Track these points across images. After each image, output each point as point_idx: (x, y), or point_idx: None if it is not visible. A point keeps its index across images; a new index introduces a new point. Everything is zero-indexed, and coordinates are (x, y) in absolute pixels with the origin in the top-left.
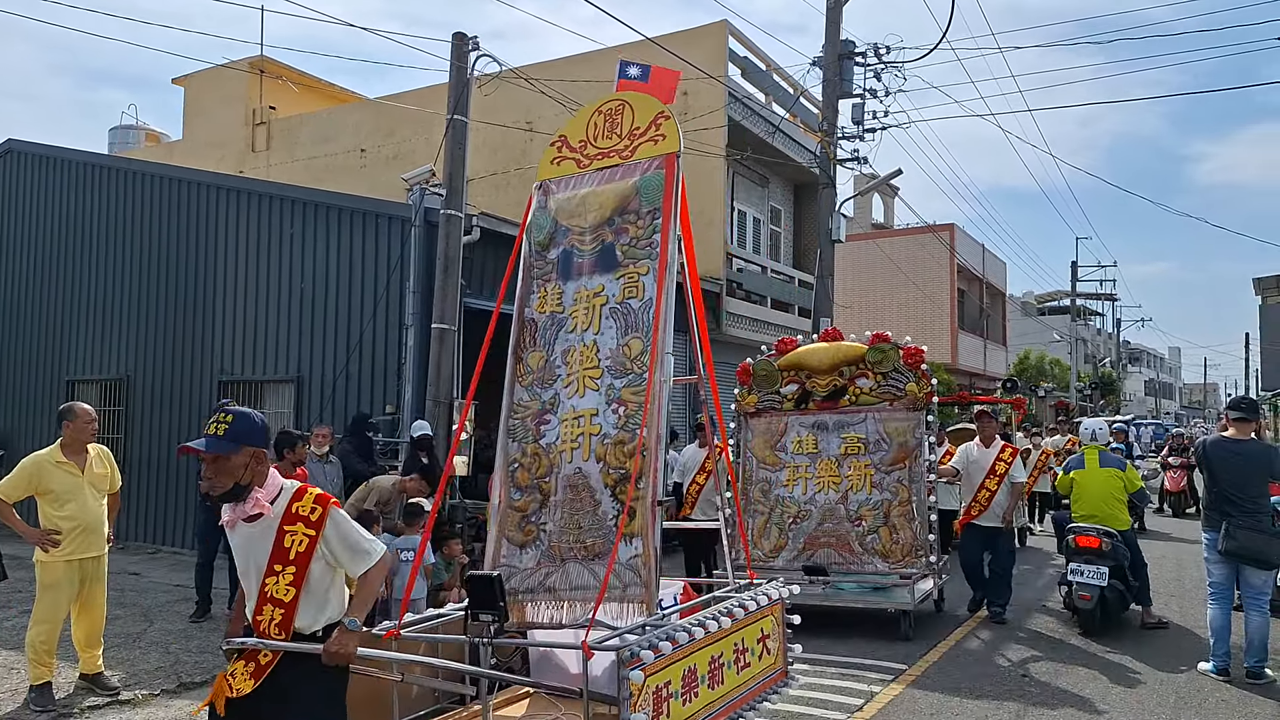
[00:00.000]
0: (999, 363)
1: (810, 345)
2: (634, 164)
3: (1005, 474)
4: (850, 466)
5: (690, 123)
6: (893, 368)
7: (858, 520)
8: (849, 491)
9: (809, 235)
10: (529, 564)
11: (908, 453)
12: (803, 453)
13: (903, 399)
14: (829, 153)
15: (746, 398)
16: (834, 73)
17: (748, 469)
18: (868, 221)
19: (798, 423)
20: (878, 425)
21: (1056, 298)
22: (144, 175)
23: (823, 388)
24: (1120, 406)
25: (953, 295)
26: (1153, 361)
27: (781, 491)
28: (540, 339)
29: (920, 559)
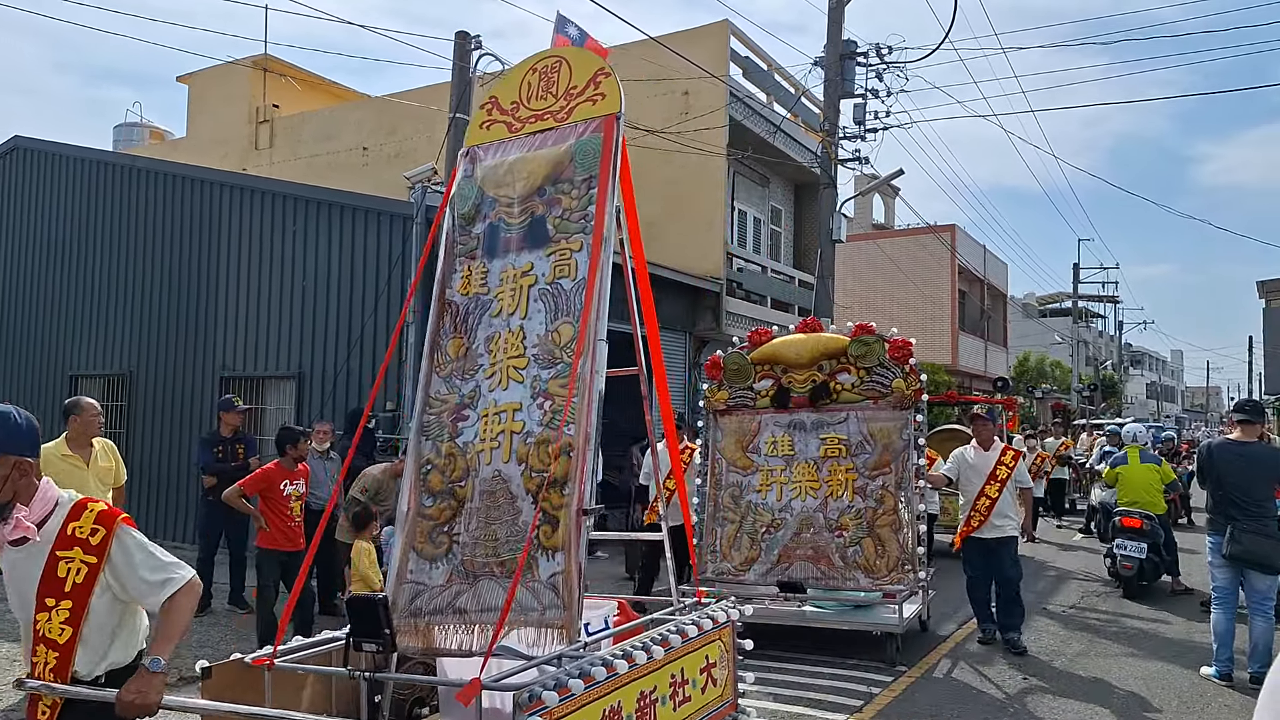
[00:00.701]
0: (1000, 364)
1: (787, 337)
2: (570, 127)
3: (1007, 479)
4: (830, 470)
5: (691, 122)
6: (877, 362)
7: (838, 530)
8: (829, 498)
9: (809, 235)
10: (439, 581)
11: (894, 456)
12: (778, 455)
13: (888, 397)
14: (830, 153)
15: (716, 394)
16: (835, 73)
17: (717, 472)
18: (868, 222)
19: (772, 422)
20: (861, 425)
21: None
22: (148, 172)
23: (800, 383)
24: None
25: (953, 296)
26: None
27: (754, 498)
28: (461, 324)
29: (908, 574)
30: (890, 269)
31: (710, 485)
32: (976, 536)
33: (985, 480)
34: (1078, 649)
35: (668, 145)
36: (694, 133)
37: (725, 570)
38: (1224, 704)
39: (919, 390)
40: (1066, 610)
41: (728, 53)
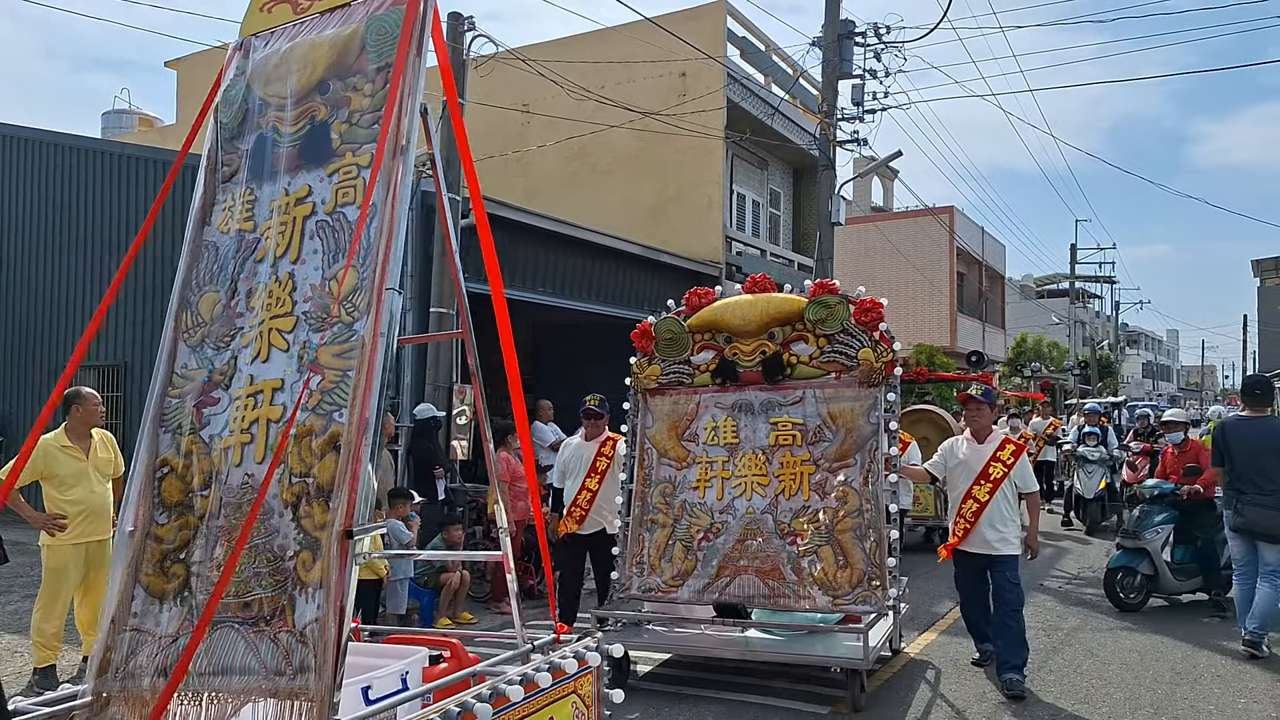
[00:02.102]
0: (998, 345)
1: (730, 299)
2: (362, 1)
3: (1002, 480)
4: (782, 462)
5: (689, 104)
6: (840, 328)
7: (791, 536)
8: (780, 496)
9: (808, 218)
10: (167, 629)
11: (859, 443)
12: (719, 443)
13: (854, 370)
14: (828, 134)
15: (646, 369)
16: (834, 53)
17: (645, 465)
18: (867, 204)
19: (714, 403)
20: (820, 406)
21: (1055, 280)
22: (138, 159)
23: (747, 355)
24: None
25: (952, 278)
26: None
27: (690, 496)
28: (219, 273)
29: (876, 591)
30: (889, 251)
31: (637, 481)
32: (964, 550)
33: (974, 480)
34: (1074, 624)
35: (665, 128)
36: (691, 115)
37: (653, 586)
38: (1216, 674)
39: (891, 362)
40: (1063, 586)
41: (725, 33)
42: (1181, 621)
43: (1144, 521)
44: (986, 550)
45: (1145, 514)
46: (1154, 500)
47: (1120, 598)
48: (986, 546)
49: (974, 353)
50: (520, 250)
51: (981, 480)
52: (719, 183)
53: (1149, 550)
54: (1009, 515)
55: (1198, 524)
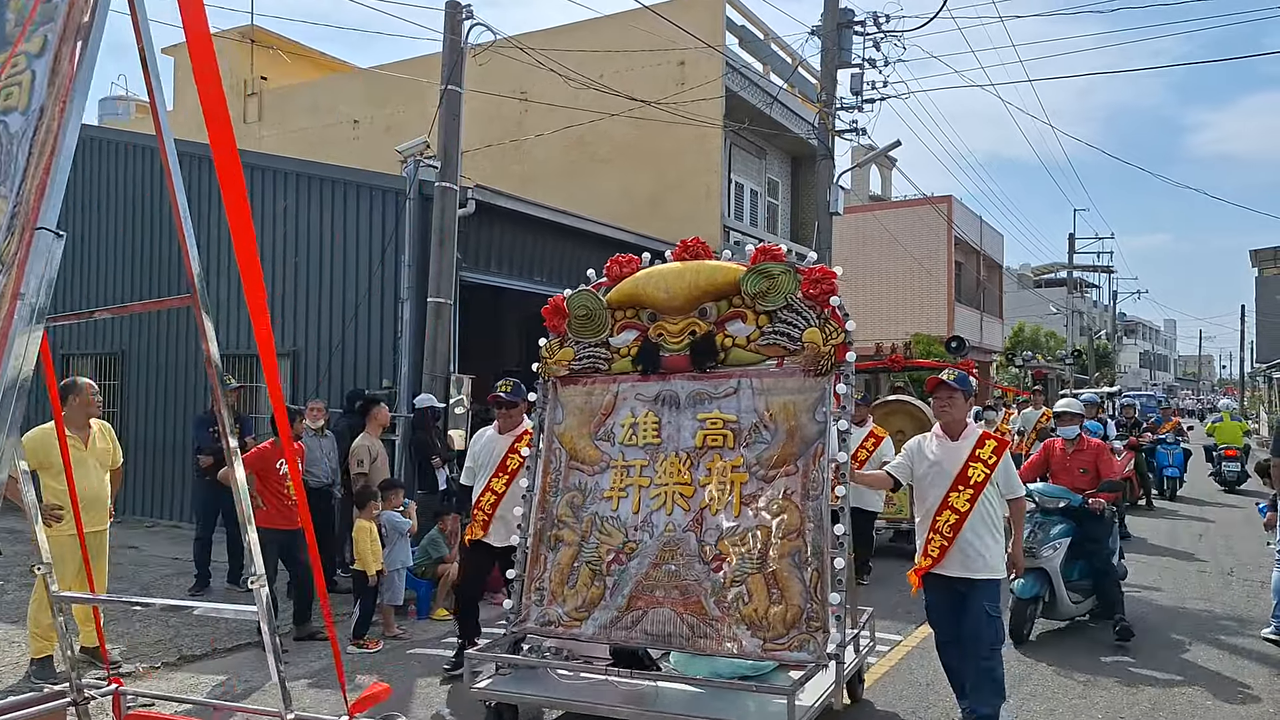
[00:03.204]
0: (995, 335)
1: (655, 267)
2: None
3: (985, 484)
4: (710, 468)
5: (687, 93)
6: (784, 303)
7: (716, 561)
8: (705, 511)
9: (807, 208)
10: None
11: (802, 446)
12: (638, 444)
13: (798, 355)
14: (827, 124)
15: (557, 353)
16: (833, 42)
17: (553, 469)
18: (865, 193)
19: (634, 394)
20: (757, 399)
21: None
22: (136, 147)
23: (674, 336)
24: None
25: (950, 268)
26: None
27: (601, 508)
28: None
29: (816, 634)
30: (887, 241)
31: (540, 489)
32: (938, 574)
33: (951, 485)
34: None
35: (663, 116)
36: (690, 104)
37: (554, 619)
38: (1215, 670)
39: (843, 345)
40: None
41: (724, 21)
42: (1178, 615)
43: (1041, 536)
44: (965, 573)
45: (1041, 527)
46: (1046, 511)
47: (1025, 633)
48: (966, 568)
49: (954, 337)
50: (516, 239)
51: (960, 485)
52: (717, 172)
53: (1048, 570)
54: (993, 528)
55: (1092, 535)
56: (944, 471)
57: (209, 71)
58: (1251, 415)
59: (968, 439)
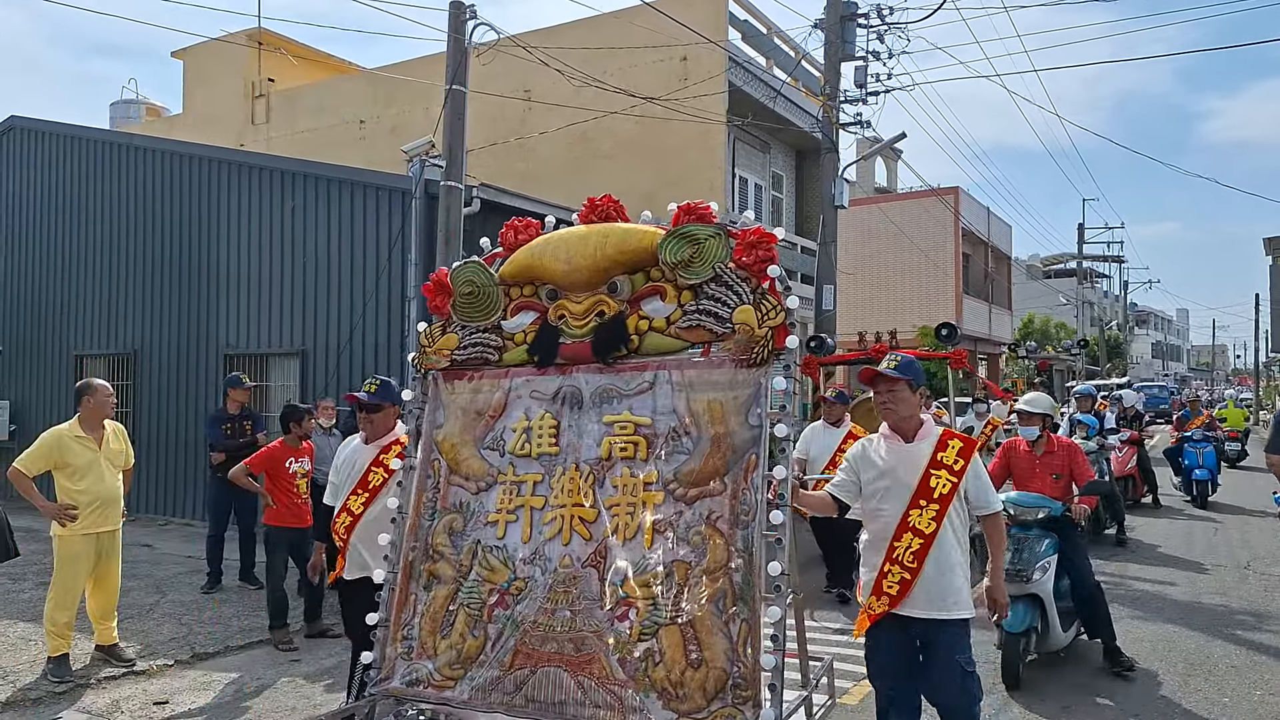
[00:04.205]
0: (1004, 327)
1: (555, 233)
2: None
3: (951, 497)
4: (618, 485)
5: (690, 89)
6: (711, 274)
7: (622, 607)
8: (610, 540)
9: (811, 201)
10: None
11: (730, 459)
12: (531, 454)
13: (727, 340)
14: (831, 117)
15: (438, 340)
16: (836, 35)
17: (429, 485)
18: (871, 186)
19: (528, 391)
20: (676, 397)
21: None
22: (146, 150)
23: (578, 318)
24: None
25: (957, 259)
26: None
27: (485, 535)
28: None
29: (744, 706)
30: (894, 233)
31: (413, 509)
32: (899, 614)
33: (910, 501)
34: None
35: (666, 112)
36: (693, 99)
37: (422, 678)
38: (1231, 665)
39: (783, 328)
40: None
41: (726, 16)
42: (1194, 610)
43: (1029, 556)
44: (934, 612)
45: (1026, 544)
46: (1024, 524)
47: (1018, 674)
48: (934, 606)
49: (944, 325)
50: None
51: (922, 500)
52: (721, 167)
53: (1041, 596)
54: (961, 554)
55: (1073, 548)
56: (899, 483)
57: None
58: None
59: (925, 440)
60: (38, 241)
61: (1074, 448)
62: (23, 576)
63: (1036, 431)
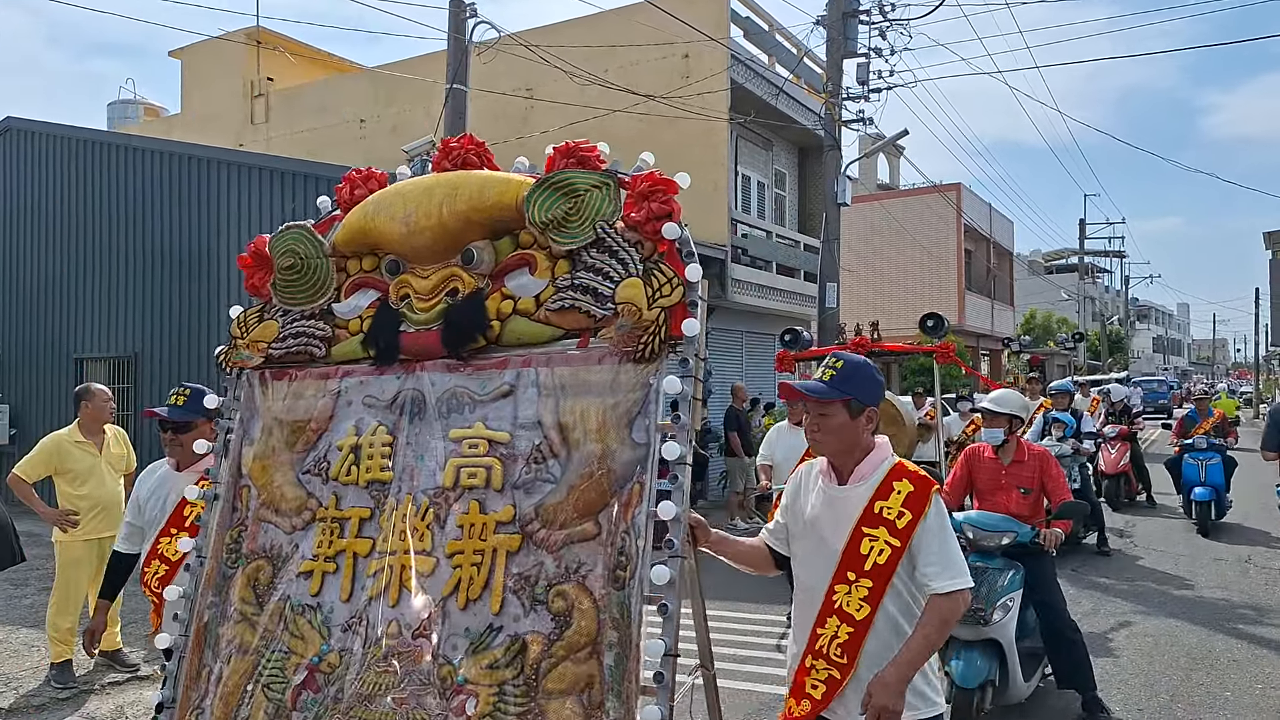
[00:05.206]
0: (1006, 323)
1: (395, 185)
2: None
3: (894, 567)
4: (462, 525)
5: (692, 86)
6: (593, 236)
7: (460, 697)
8: (450, 601)
9: (814, 199)
10: None
11: (609, 488)
12: (359, 481)
13: (607, 326)
14: (834, 114)
15: (255, 329)
16: (838, 32)
17: (234, 521)
18: (873, 182)
19: (361, 395)
20: (543, 404)
21: (1064, 256)
22: (145, 151)
23: (424, 298)
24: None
25: (959, 256)
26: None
27: (296, 590)
28: None
29: None
30: (896, 230)
31: (212, 552)
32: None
33: (835, 572)
34: (1087, 607)
35: (669, 111)
36: (695, 97)
37: None
38: (1232, 659)
39: (680, 307)
40: (1073, 570)
41: (728, 13)
42: (1196, 605)
43: (988, 591)
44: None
45: (985, 576)
46: (984, 551)
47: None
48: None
49: (930, 315)
50: None
51: (850, 573)
52: (724, 165)
53: (1000, 642)
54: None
55: (1042, 578)
56: (824, 544)
57: None
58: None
59: (864, 483)
60: (36, 243)
61: (1046, 457)
62: (25, 582)
63: (1001, 435)
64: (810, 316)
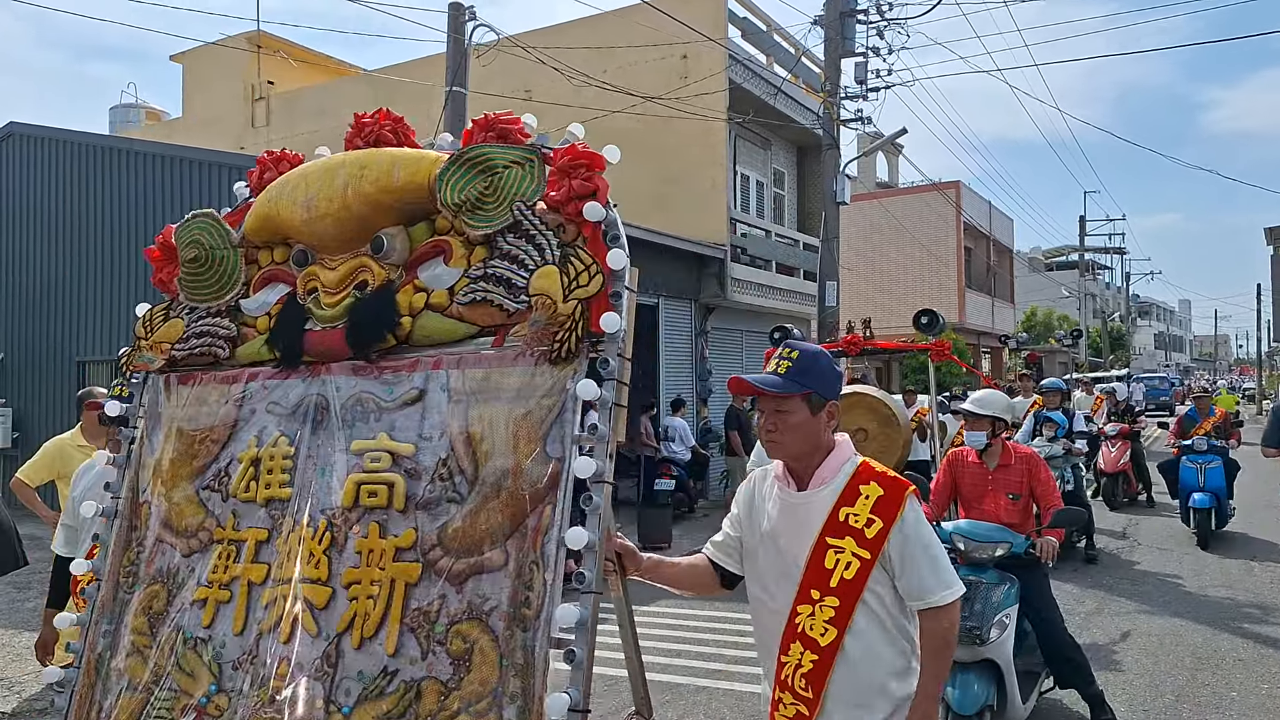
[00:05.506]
0: (1007, 321)
1: (301, 167)
2: None
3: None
4: (361, 551)
5: (690, 86)
6: (510, 219)
7: None
8: (342, 642)
9: (813, 197)
10: None
11: (523, 508)
12: (257, 498)
13: (521, 319)
14: (832, 113)
15: (160, 327)
16: (836, 31)
17: (134, 540)
18: (872, 181)
19: (265, 402)
20: (451, 412)
21: (1064, 253)
22: (146, 155)
23: (331, 291)
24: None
25: (959, 254)
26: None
27: (188, 621)
28: None
29: None
30: (895, 228)
31: (109, 574)
32: None
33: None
34: (1091, 607)
35: (667, 111)
36: (694, 97)
37: None
38: (1238, 659)
39: (601, 298)
40: (1073, 570)
41: (725, 13)
42: (1200, 604)
43: (983, 608)
44: None
45: (979, 592)
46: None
47: None
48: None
49: (924, 311)
50: None
51: (814, 591)
52: (722, 165)
53: (998, 662)
54: (901, 656)
55: (1037, 590)
56: (784, 558)
57: None
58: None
59: (827, 486)
60: (39, 247)
61: (1034, 459)
62: (28, 585)
63: (984, 439)
64: (810, 315)
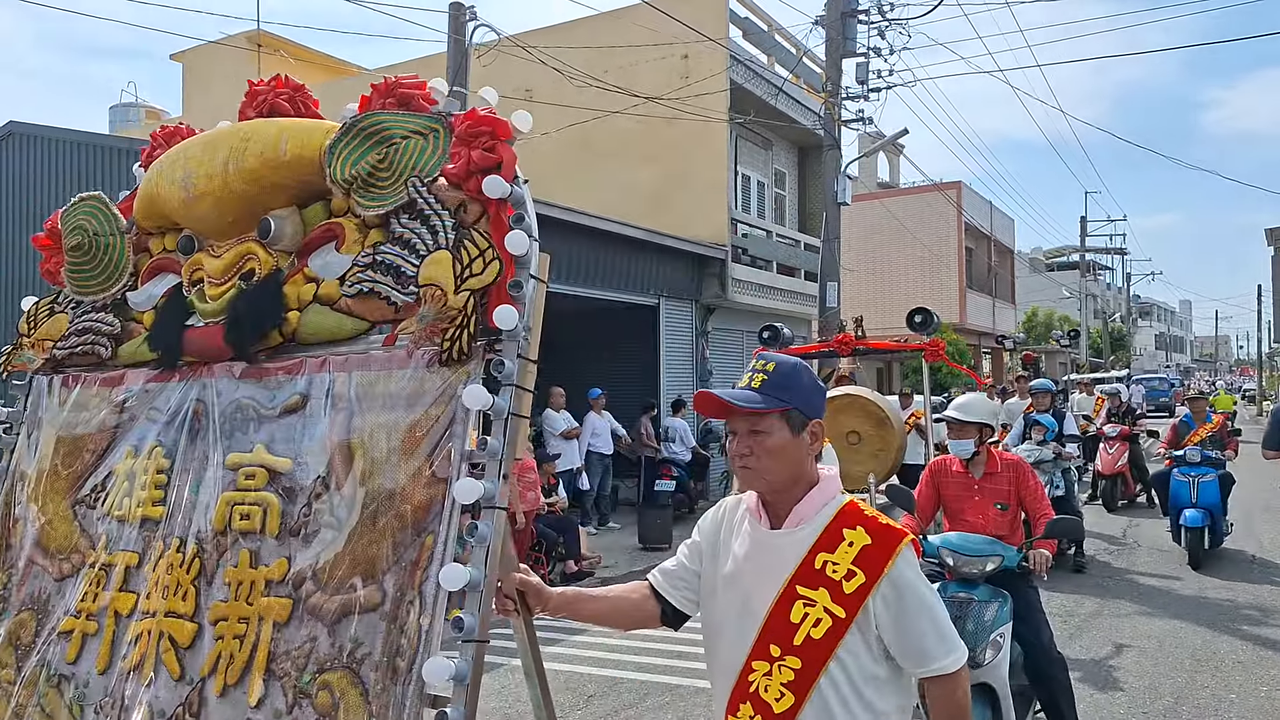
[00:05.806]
0: (1008, 321)
1: (185, 142)
2: None
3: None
4: (230, 582)
5: (692, 87)
6: (406, 197)
7: None
8: (207, 683)
9: (814, 198)
10: None
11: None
12: (129, 517)
13: (410, 313)
14: (833, 114)
15: (45, 322)
16: (837, 31)
17: (7, 561)
18: (874, 181)
19: (146, 407)
20: (334, 422)
21: (1065, 253)
22: None
23: (216, 282)
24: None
25: (960, 254)
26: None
27: (53, 655)
28: None
29: None
30: (897, 228)
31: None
32: None
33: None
34: (1090, 609)
35: (669, 111)
36: (695, 97)
37: None
38: (1237, 660)
39: (498, 288)
40: (1068, 577)
41: (726, 14)
42: (1199, 606)
43: (976, 627)
44: None
45: (970, 610)
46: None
47: None
48: None
49: (917, 310)
50: None
51: (774, 647)
52: (723, 165)
53: (993, 685)
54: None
55: (1028, 605)
56: (745, 603)
57: None
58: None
59: (806, 525)
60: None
61: (1022, 467)
62: None
63: (971, 447)
64: (811, 316)
